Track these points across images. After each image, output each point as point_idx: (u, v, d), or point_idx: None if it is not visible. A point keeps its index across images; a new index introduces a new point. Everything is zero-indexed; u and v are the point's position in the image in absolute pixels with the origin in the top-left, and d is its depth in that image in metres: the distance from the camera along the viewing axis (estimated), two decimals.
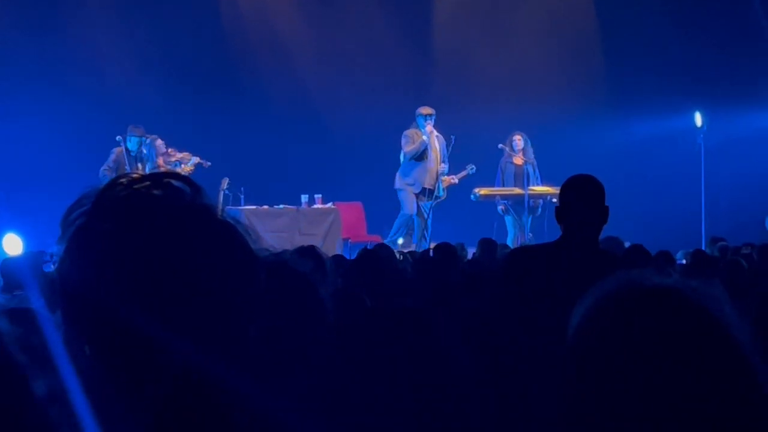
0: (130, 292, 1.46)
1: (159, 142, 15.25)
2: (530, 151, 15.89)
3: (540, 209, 15.68)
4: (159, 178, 1.55)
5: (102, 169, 14.71)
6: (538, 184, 15.72)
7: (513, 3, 18.94)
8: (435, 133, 15.17)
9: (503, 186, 15.85)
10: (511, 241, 15.01)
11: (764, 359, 1.61)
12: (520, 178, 15.80)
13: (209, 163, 15.15)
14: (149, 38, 17.50)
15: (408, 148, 15.10)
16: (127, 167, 14.66)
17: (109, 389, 1.49)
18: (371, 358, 1.93)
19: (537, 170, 15.83)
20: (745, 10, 18.11)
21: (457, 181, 15.50)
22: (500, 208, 15.77)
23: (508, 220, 15.77)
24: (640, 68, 18.42)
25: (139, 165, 14.91)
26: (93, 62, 17.40)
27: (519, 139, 15.88)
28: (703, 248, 12.28)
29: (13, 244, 14.71)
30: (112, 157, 14.88)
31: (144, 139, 15.06)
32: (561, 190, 5.22)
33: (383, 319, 2.04)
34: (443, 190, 15.34)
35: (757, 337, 1.63)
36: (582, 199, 5.02)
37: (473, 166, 15.49)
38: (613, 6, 18.49)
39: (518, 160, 15.90)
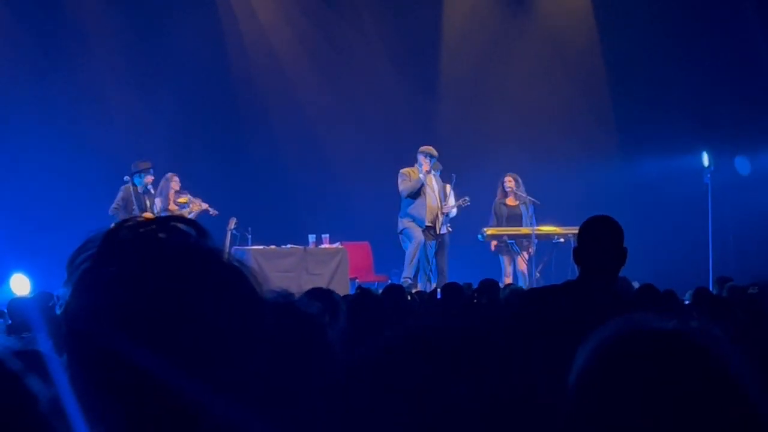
0: (136, 336, 1.46)
1: (175, 179, 15.26)
2: (522, 191, 15.83)
3: (535, 247, 15.63)
4: (165, 222, 1.56)
5: (111, 207, 14.72)
6: (533, 224, 15.67)
7: (519, 43, 19.00)
8: (433, 172, 15.21)
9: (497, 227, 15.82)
10: (503, 279, 14.91)
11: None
12: (515, 219, 15.77)
13: (217, 212, 15.14)
14: (157, 78, 17.59)
15: (403, 185, 15.12)
16: (135, 204, 14.68)
17: None
18: (378, 401, 1.92)
19: (531, 209, 15.75)
20: (753, 51, 18.16)
21: (453, 211, 15.41)
22: (492, 244, 15.73)
23: (502, 259, 15.72)
24: (647, 108, 18.44)
25: (147, 201, 14.90)
26: (100, 102, 17.47)
27: (510, 181, 15.84)
28: (710, 287, 12.24)
29: (21, 284, 14.74)
30: (120, 194, 14.89)
31: (148, 172, 15.07)
32: (579, 231, 5.21)
33: (390, 362, 2.04)
34: (445, 227, 15.31)
35: (763, 379, 1.63)
36: (600, 241, 5.01)
37: (467, 199, 15.43)
38: (621, 46, 18.54)
39: (511, 201, 15.88)
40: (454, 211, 15.41)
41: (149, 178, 15.02)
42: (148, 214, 14.39)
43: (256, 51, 18.73)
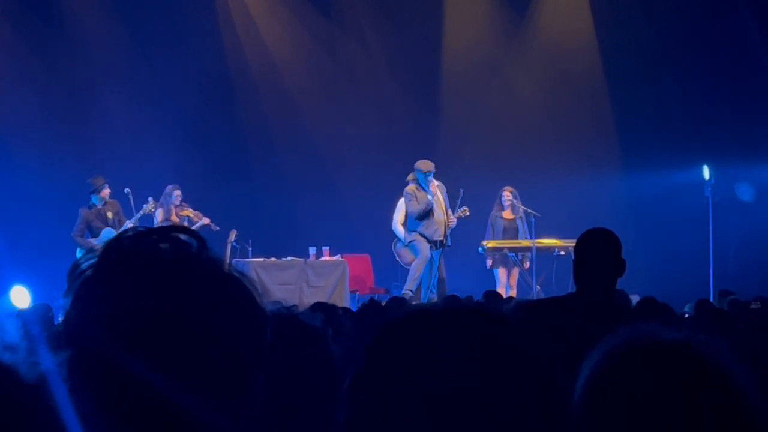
0: (136, 345, 1.46)
1: (177, 192, 15.23)
2: (519, 204, 15.81)
3: (530, 262, 15.61)
4: (166, 232, 1.56)
5: (74, 233, 14.68)
6: (527, 238, 15.66)
7: (521, 57, 19.01)
8: (436, 183, 15.11)
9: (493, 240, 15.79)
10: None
11: None
12: (510, 232, 15.74)
13: (218, 227, 15.11)
14: (158, 91, 17.60)
15: (413, 208, 14.93)
16: (98, 221, 14.65)
17: None
18: (381, 413, 1.91)
19: (526, 224, 15.74)
20: (754, 65, 18.18)
21: (455, 222, 15.33)
22: (489, 262, 15.68)
23: (497, 272, 15.68)
24: (648, 122, 18.45)
25: (109, 214, 14.83)
26: (101, 115, 17.49)
27: (508, 194, 15.80)
28: (711, 301, 12.23)
29: (21, 297, 14.71)
30: (80, 218, 14.81)
31: (103, 187, 14.98)
32: (576, 244, 5.19)
33: (393, 374, 2.02)
34: (449, 238, 15.27)
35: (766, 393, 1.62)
36: (597, 253, 5.00)
37: (466, 209, 15.36)
38: (622, 60, 18.56)
39: (508, 214, 15.84)
40: (455, 223, 15.34)
41: (105, 192, 14.97)
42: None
43: (257, 65, 18.75)
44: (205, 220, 15.08)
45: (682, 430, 1.56)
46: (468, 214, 15.36)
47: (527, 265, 15.67)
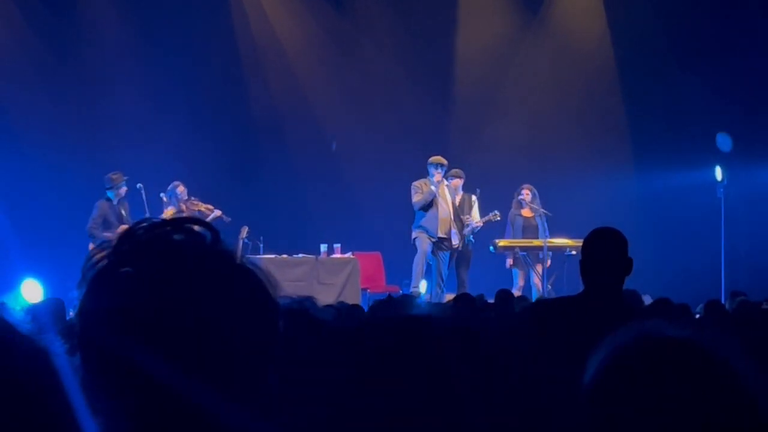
0: (149, 336, 1.46)
1: (181, 188, 15.25)
2: (537, 203, 15.82)
3: (549, 260, 15.60)
4: (180, 223, 1.56)
5: (89, 226, 14.57)
6: (546, 236, 15.66)
7: (534, 55, 18.98)
8: (446, 182, 15.17)
9: (513, 238, 15.80)
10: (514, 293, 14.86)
11: None
12: (530, 230, 15.74)
13: (229, 219, 15.12)
14: (168, 86, 17.60)
15: (415, 198, 15.08)
16: (113, 218, 14.61)
17: None
18: (390, 406, 1.91)
19: (545, 222, 15.76)
20: (767, 64, 18.13)
21: (480, 224, 15.45)
22: (509, 261, 15.68)
23: (516, 273, 15.68)
24: (661, 121, 18.42)
25: (123, 211, 14.80)
26: (112, 110, 17.49)
27: (527, 193, 15.82)
28: (722, 302, 12.21)
29: (33, 290, 14.75)
30: (97, 212, 14.66)
31: (121, 185, 14.94)
32: (583, 243, 5.19)
33: (403, 368, 2.02)
34: (465, 238, 15.27)
35: None
36: (604, 252, 5.00)
37: (498, 213, 15.47)
38: (635, 59, 18.53)
39: (527, 212, 15.85)
40: (480, 225, 15.44)
41: (123, 190, 14.93)
42: (125, 226, 14.40)
43: (270, 60, 18.75)
44: (217, 213, 15.11)
45: (687, 427, 1.56)
46: (499, 218, 15.48)
47: (548, 263, 15.64)
